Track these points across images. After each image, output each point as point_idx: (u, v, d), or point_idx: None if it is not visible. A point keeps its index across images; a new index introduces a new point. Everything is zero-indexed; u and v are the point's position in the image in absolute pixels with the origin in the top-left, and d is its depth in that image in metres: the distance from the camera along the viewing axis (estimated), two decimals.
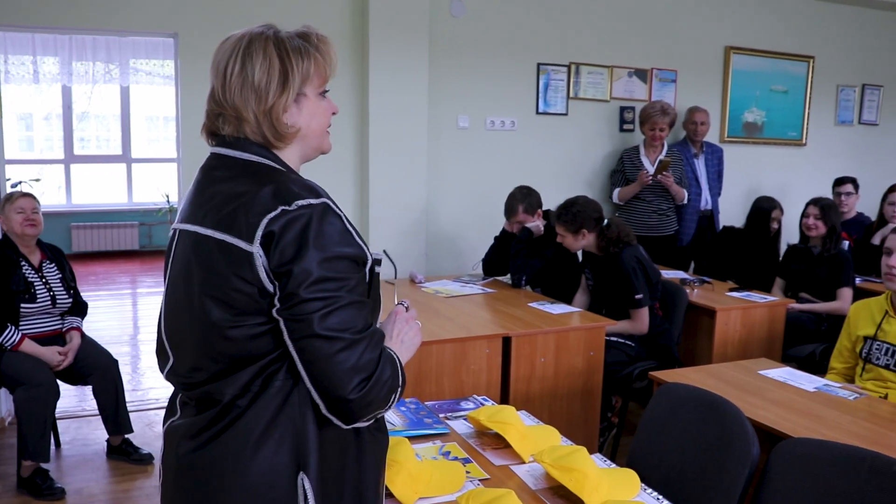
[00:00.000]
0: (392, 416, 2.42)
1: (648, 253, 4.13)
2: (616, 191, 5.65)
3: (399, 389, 1.45)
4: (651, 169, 5.50)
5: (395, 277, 3.98)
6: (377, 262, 1.48)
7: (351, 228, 1.41)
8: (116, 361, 3.99)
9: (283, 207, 1.35)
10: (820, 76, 7.01)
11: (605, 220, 4.04)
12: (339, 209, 1.41)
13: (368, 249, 1.44)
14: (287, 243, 1.34)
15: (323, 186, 1.44)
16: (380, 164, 5.01)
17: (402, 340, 1.58)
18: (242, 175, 1.43)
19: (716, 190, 6.07)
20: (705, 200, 5.97)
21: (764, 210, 5.21)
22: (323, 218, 1.36)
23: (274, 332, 1.39)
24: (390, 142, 5.01)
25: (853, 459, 1.99)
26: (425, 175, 5.17)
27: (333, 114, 1.58)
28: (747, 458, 2.13)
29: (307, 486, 1.40)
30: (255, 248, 1.35)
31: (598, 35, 5.81)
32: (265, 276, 1.36)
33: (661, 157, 5.55)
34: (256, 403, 1.40)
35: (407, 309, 1.63)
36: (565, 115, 5.74)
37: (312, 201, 1.37)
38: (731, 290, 4.55)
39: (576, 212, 4.00)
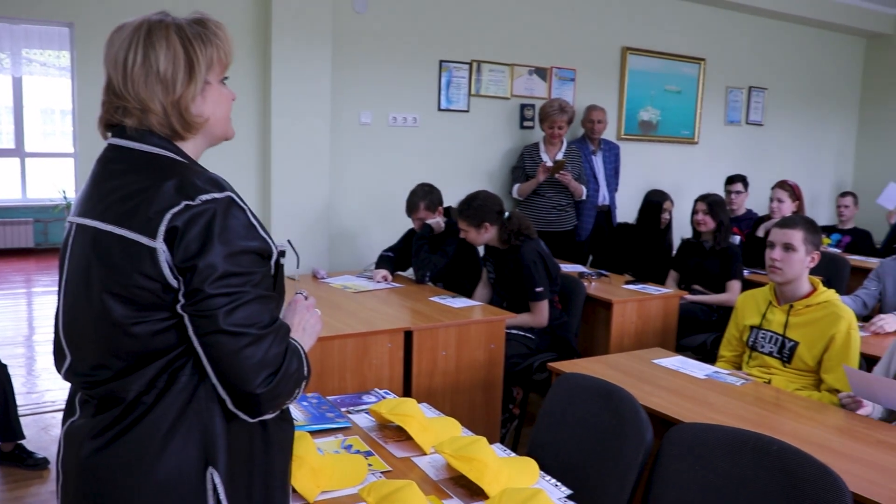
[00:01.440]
0: (294, 412, 2.40)
1: (548, 248, 4.21)
2: (516, 186, 5.73)
3: (305, 381, 1.45)
4: (548, 162, 5.61)
5: (297, 267, 3.95)
6: (282, 253, 1.47)
7: (255, 222, 1.40)
8: (5, 366, 3.82)
9: (187, 202, 1.33)
10: (711, 78, 7.29)
11: (507, 214, 4.10)
12: (244, 202, 1.40)
13: (273, 242, 1.44)
14: (191, 238, 1.32)
15: None
16: (282, 160, 4.95)
17: (305, 328, 1.57)
18: (144, 168, 1.40)
19: (613, 186, 6.24)
20: (603, 196, 6.12)
21: (654, 203, 5.37)
22: (227, 212, 1.35)
23: (178, 327, 1.37)
24: (293, 137, 4.96)
25: (739, 441, 2.08)
26: (328, 171, 5.14)
27: (233, 100, 1.56)
28: (641, 443, 2.20)
29: (217, 480, 1.38)
30: (158, 244, 1.32)
31: (499, 33, 5.89)
32: (168, 272, 1.33)
33: (561, 154, 5.66)
34: (162, 400, 1.38)
35: (306, 298, 1.63)
36: (467, 111, 5.80)
37: (216, 195, 1.35)
38: (627, 282, 4.68)
39: (477, 206, 4.05)
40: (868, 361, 3.12)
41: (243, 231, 1.36)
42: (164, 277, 1.33)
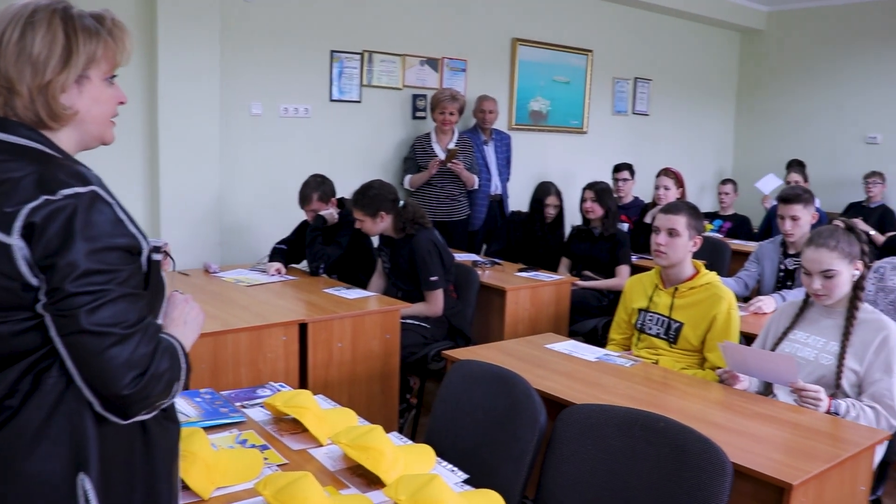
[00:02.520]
0: (186, 408, 2.35)
1: (442, 237, 4.23)
2: (407, 178, 5.74)
3: (181, 379, 1.41)
4: (442, 155, 5.64)
5: (174, 269, 3.86)
6: (155, 249, 1.43)
7: (124, 216, 1.35)
8: None
9: (47, 197, 1.27)
10: (598, 69, 7.47)
11: (401, 202, 4.12)
12: (111, 197, 1.35)
13: (144, 237, 1.39)
14: (51, 235, 1.26)
15: (110, 176, 1.37)
16: (170, 153, 4.80)
17: (186, 321, 1.54)
18: (5, 161, 1.33)
19: (505, 175, 6.32)
20: (495, 186, 6.20)
21: (537, 199, 5.45)
22: (91, 207, 1.29)
23: (41, 327, 1.31)
24: (181, 129, 4.81)
25: (628, 420, 2.15)
26: (218, 163, 5.02)
27: (121, 103, 1.50)
28: (535, 426, 2.24)
29: (88, 486, 1.33)
30: (14, 240, 1.26)
31: (390, 23, 5.87)
32: (27, 270, 1.28)
33: (452, 144, 5.70)
34: (28, 403, 1.31)
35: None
36: (359, 102, 5.76)
37: (79, 190, 1.30)
38: (520, 270, 4.76)
39: (373, 195, 4.05)
40: (748, 340, 3.26)
41: (109, 227, 1.31)
42: (22, 276, 1.28)
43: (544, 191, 5.38)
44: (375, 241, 4.49)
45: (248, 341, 3.26)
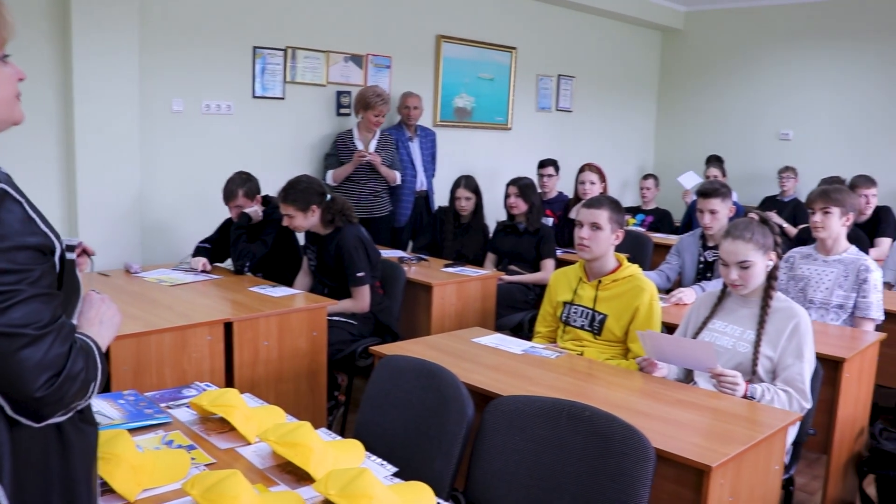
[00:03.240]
0: (109, 410, 2.30)
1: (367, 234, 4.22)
2: (329, 173, 5.69)
3: (97, 379, 1.38)
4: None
5: (91, 270, 3.77)
6: (70, 247, 1.39)
7: (34, 215, 1.31)
8: None
9: None
10: (522, 66, 7.55)
11: (329, 196, 4.10)
12: (21, 195, 1.31)
13: (57, 236, 1.35)
14: None
15: (24, 175, 1.32)
16: (88, 151, 4.67)
17: (102, 321, 1.50)
18: None
19: (430, 172, 6.33)
20: (421, 182, 6.21)
21: (451, 192, 5.48)
22: None
23: None
24: (99, 126, 4.68)
25: (555, 410, 2.19)
26: (138, 161, 4.90)
27: (21, 80, 1.43)
28: (463, 418, 2.27)
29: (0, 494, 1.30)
30: None
31: (314, 19, 5.82)
32: None
33: (374, 140, 5.68)
34: None
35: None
36: (282, 99, 5.70)
37: None
38: (447, 265, 4.78)
39: (303, 189, 4.03)
40: (669, 330, 3.34)
41: (18, 226, 1.27)
42: None
43: (455, 184, 5.41)
44: (301, 238, 4.46)
45: (172, 342, 3.20)
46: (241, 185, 4.41)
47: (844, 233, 3.92)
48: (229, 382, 3.42)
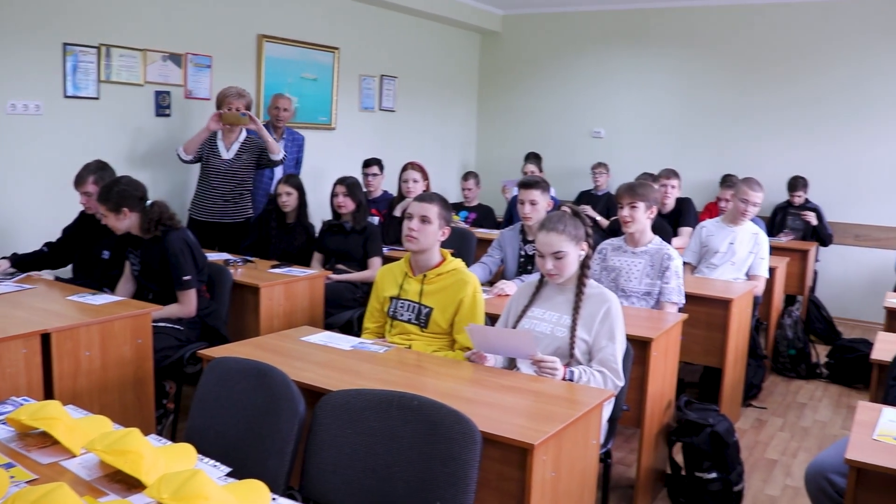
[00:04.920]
0: None
1: (223, 240, 4.12)
2: (180, 147, 5.50)
3: None
4: (225, 154, 5.48)
5: None
6: None
7: None
8: None
9: None
10: (345, 66, 7.58)
11: (149, 201, 3.99)
12: None
13: None
14: None
15: None
16: None
17: None
18: None
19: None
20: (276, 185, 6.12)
21: (273, 191, 5.46)
22: None
23: None
24: None
25: (384, 401, 2.26)
26: None
27: None
28: (295, 416, 2.29)
29: None
30: None
31: (128, 16, 5.59)
32: None
33: (238, 142, 5.53)
34: None
35: None
36: (97, 98, 5.46)
37: None
38: (273, 266, 4.75)
39: (119, 191, 3.90)
40: (493, 321, 3.48)
41: None
42: None
43: (278, 186, 5.39)
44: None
45: None
46: (93, 171, 4.32)
47: (649, 225, 4.22)
48: (49, 396, 3.26)
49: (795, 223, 7.21)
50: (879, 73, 7.43)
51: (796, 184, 7.29)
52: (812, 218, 7.05)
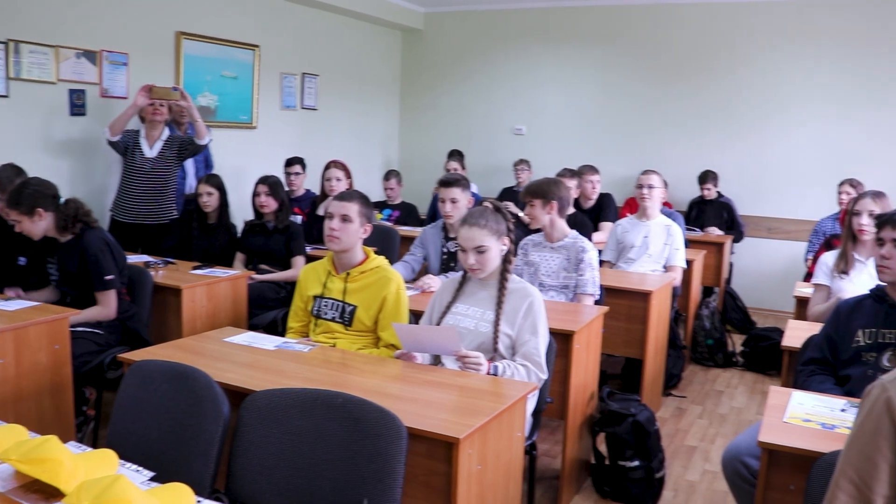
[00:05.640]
0: None
1: (145, 241, 4.02)
2: (106, 128, 5.34)
3: None
4: (148, 152, 5.36)
5: None
6: None
7: None
8: None
9: None
10: (265, 64, 7.50)
11: (63, 199, 3.89)
12: None
13: None
14: None
15: None
16: None
17: None
18: None
19: (202, 174, 6.11)
20: (190, 186, 6.02)
21: (194, 191, 5.39)
22: None
23: None
24: None
25: (309, 399, 2.26)
26: None
27: None
28: (219, 418, 2.28)
29: None
30: None
31: (39, 10, 5.41)
32: None
33: (160, 142, 5.42)
34: None
35: None
36: (6, 97, 5.29)
37: None
38: (195, 268, 4.68)
39: (30, 192, 3.80)
40: (417, 317, 3.51)
41: None
42: None
43: (198, 182, 5.31)
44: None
45: None
46: (15, 176, 4.20)
47: (558, 220, 4.30)
48: None
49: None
50: (788, 72, 7.71)
51: (706, 177, 7.55)
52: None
